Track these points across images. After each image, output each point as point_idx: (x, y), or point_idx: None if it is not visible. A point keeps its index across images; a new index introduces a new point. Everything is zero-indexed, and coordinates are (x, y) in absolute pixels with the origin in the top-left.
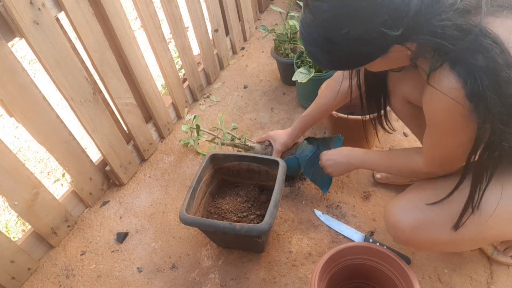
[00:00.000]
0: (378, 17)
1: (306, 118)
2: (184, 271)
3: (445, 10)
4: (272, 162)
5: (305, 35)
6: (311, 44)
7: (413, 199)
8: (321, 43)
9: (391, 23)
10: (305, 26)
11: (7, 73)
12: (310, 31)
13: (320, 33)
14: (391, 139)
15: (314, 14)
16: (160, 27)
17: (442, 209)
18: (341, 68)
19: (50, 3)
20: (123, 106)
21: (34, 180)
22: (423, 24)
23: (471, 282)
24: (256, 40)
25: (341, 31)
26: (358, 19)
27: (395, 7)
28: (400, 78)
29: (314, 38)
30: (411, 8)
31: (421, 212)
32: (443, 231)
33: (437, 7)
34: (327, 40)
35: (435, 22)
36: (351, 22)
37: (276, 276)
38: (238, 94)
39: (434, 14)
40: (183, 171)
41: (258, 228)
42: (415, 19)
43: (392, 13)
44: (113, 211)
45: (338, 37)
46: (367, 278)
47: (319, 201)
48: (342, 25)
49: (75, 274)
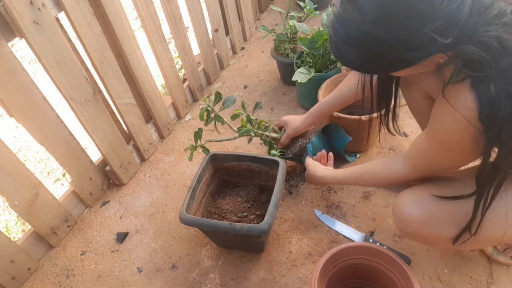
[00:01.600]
0: (432, 22)
1: (324, 105)
2: (184, 271)
3: (493, 21)
4: (272, 162)
5: (341, 31)
6: (345, 42)
7: (422, 194)
8: (359, 42)
9: (444, 30)
10: (343, 23)
11: (7, 73)
12: (349, 29)
13: (362, 32)
14: (391, 139)
15: (360, 11)
16: (160, 27)
17: (451, 207)
18: (370, 71)
19: (50, 3)
20: (123, 106)
21: (34, 180)
22: (471, 33)
23: (471, 282)
24: (256, 40)
25: (389, 33)
26: (411, 22)
27: (450, 12)
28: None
29: (352, 36)
30: (462, 15)
31: (429, 207)
32: (450, 228)
33: (485, 16)
34: (369, 41)
35: (481, 33)
36: (402, 24)
37: (276, 276)
38: (238, 94)
39: (482, 23)
40: (183, 171)
41: (258, 228)
42: (464, 27)
43: (446, 18)
44: (113, 211)
45: (383, 39)
46: (367, 278)
47: (319, 201)
48: (391, 27)
49: (75, 274)
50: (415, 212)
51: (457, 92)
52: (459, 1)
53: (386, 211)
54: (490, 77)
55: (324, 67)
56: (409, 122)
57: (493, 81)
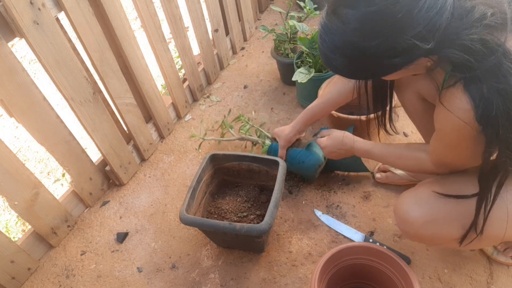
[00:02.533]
0: (412, 29)
1: (310, 111)
2: (184, 271)
3: (474, 24)
4: (272, 162)
5: (328, 41)
6: (332, 51)
7: (425, 195)
8: (345, 51)
9: (425, 35)
10: (328, 33)
11: (7, 73)
12: (334, 38)
13: (347, 41)
14: (391, 139)
15: (343, 21)
16: (160, 27)
17: (453, 207)
18: (357, 77)
19: (50, 3)
20: (123, 106)
21: (34, 180)
22: (453, 37)
23: (471, 282)
24: (256, 40)
25: (371, 41)
26: (391, 30)
27: (429, 19)
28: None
29: (338, 45)
30: (443, 20)
31: (432, 208)
32: (452, 229)
33: (467, 20)
34: (353, 49)
35: (464, 36)
36: (383, 32)
37: (276, 276)
38: (238, 94)
39: (463, 27)
40: (183, 171)
41: (258, 228)
42: (445, 32)
43: (426, 25)
44: (113, 211)
45: (366, 47)
46: (367, 278)
47: (319, 201)
48: (373, 35)
49: (75, 274)
50: (418, 213)
51: (451, 95)
52: (438, 7)
53: (386, 211)
54: (479, 77)
55: (324, 67)
56: (409, 122)
57: (483, 80)
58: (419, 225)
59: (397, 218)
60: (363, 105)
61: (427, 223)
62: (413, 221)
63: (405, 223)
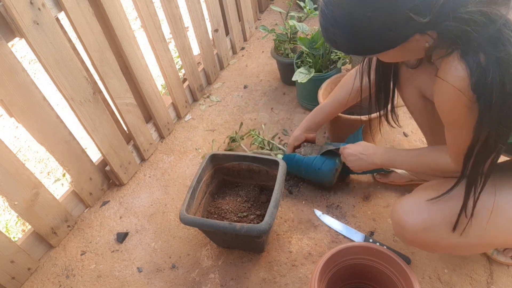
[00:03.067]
0: (408, 1)
1: (320, 111)
2: (184, 271)
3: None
4: (272, 162)
5: (328, 14)
6: (332, 24)
7: (421, 200)
8: (343, 24)
9: (421, 9)
10: (328, 5)
11: (7, 73)
12: (334, 10)
13: (345, 13)
14: (391, 139)
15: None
16: (160, 27)
17: (449, 212)
18: (356, 52)
19: (50, 3)
20: (123, 106)
21: (34, 180)
22: (449, 12)
23: (471, 282)
24: (256, 40)
25: (367, 12)
26: (388, 1)
27: None
28: (417, 71)
29: (336, 18)
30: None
31: (428, 214)
32: (449, 234)
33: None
34: (351, 20)
35: (461, 9)
36: (379, 3)
37: (276, 276)
38: (238, 94)
39: (461, 4)
40: (183, 171)
41: (258, 228)
42: (442, 7)
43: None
44: (113, 211)
45: (362, 18)
46: (367, 278)
47: (319, 201)
48: (369, 6)
49: (75, 274)
50: (414, 218)
51: (447, 64)
52: None
53: (386, 211)
54: (477, 46)
55: (324, 67)
56: (409, 122)
57: (481, 49)
58: (416, 231)
59: (394, 224)
60: (364, 106)
61: (424, 229)
62: (409, 228)
63: (402, 229)
